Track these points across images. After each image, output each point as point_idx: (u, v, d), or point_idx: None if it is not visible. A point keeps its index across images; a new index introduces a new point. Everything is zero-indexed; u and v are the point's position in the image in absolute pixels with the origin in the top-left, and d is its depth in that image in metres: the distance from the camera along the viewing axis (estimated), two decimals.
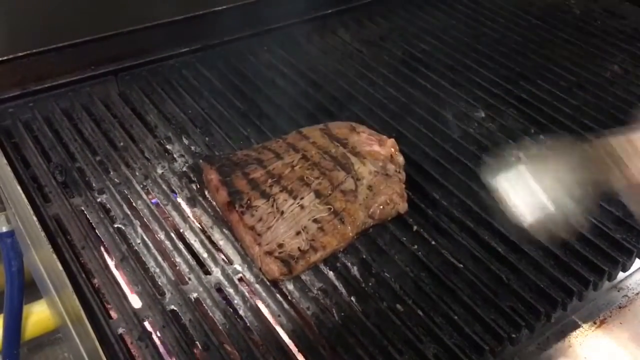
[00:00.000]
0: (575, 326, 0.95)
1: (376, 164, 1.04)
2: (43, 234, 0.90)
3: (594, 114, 1.26)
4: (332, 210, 0.96)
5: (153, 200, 1.04)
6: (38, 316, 1.46)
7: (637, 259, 0.99)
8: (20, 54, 1.19)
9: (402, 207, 1.01)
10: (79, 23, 1.24)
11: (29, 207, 0.95)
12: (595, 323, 0.96)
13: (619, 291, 1.00)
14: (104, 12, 1.26)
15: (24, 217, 1.01)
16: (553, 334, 0.93)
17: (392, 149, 1.08)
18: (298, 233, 0.93)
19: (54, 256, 0.86)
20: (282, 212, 0.95)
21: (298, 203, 0.96)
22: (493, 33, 1.54)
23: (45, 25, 1.21)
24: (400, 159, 1.08)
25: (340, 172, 1.01)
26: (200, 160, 1.08)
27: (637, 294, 1.00)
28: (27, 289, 1.35)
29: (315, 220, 0.95)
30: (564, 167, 1.04)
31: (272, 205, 0.96)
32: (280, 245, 0.92)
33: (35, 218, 0.93)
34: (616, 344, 0.94)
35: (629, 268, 0.98)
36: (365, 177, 1.02)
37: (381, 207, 0.99)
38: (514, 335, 0.86)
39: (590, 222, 1.02)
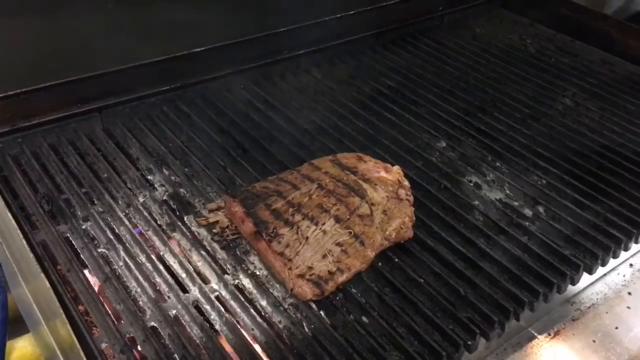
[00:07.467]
0: (532, 337, 1.00)
1: (387, 188, 1.08)
2: (32, 255, 0.95)
3: (546, 143, 1.34)
4: (352, 233, 1.00)
5: (136, 230, 1.09)
6: (21, 351, 1.48)
7: (584, 273, 1.06)
8: (10, 92, 1.23)
9: (410, 232, 1.05)
10: (65, 64, 1.29)
11: (18, 231, 0.99)
12: (550, 334, 1.01)
13: (571, 305, 1.07)
14: (89, 54, 1.31)
15: (13, 244, 1.06)
16: (510, 345, 0.99)
17: (399, 174, 1.13)
18: (324, 256, 0.97)
19: (42, 275, 0.91)
20: (307, 238, 0.99)
21: (320, 229, 1.01)
22: (454, 70, 1.62)
23: (33, 66, 1.26)
24: (407, 183, 1.13)
25: (355, 198, 1.06)
26: (224, 195, 1.12)
27: (589, 307, 1.06)
28: (10, 327, 1.36)
29: (338, 244, 0.99)
30: None
31: (297, 232, 1.00)
32: (310, 268, 0.96)
33: (24, 242, 0.97)
34: (570, 353, 0.99)
35: (578, 281, 1.05)
36: (380, 203, 1.06)
37: (395, 230, 1.03)
38: (470, 342, 0.91)
39: (542, 240, 1.09)
